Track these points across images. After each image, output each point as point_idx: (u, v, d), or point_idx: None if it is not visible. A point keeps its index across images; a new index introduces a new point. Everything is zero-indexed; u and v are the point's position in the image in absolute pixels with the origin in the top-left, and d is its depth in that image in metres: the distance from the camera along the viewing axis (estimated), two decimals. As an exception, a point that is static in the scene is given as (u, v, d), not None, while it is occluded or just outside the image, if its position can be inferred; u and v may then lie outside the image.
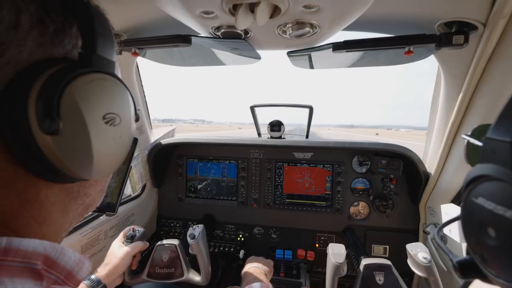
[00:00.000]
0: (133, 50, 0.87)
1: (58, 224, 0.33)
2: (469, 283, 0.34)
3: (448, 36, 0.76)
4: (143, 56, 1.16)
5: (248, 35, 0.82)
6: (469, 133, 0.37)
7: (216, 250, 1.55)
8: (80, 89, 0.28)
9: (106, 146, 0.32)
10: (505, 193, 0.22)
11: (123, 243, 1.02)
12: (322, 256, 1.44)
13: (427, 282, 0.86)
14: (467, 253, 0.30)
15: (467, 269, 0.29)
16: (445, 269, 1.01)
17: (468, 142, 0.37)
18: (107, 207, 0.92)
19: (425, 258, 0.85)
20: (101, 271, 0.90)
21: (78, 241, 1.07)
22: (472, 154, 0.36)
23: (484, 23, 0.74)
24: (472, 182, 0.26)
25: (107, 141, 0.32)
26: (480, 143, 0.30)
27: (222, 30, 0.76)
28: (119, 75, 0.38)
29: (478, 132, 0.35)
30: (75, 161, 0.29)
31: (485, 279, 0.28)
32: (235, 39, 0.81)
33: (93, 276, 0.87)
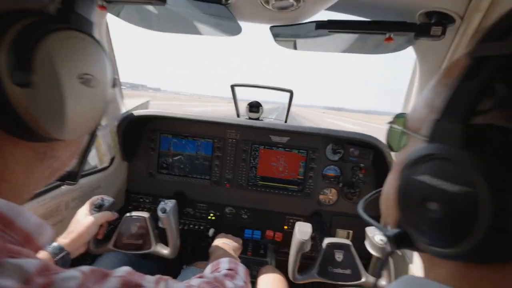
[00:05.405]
0: (100, 3, 0.79)
1: (19, 184, 0.31)
2: (390, 254, 0.38)
3: (427, 26, 0.77)
4: (117, 15, 1.06)
5: (229, 0, 0.76)
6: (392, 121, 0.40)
7: (186, 228, 1.54)
8: (56, 44, 0.28)
9: (79, 106, 0.32)
10: (450, 170, 0.25)
11: (90, 211, 0.98)
12: (289, 238, 1.48)
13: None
14: (398, 226, 0.33)
15: (399, 241, 0.32)
16: (399, 252, 1.09)
17: (389, 129, 0.40)
18: (67, 176, 0.86)
19: (382, 240, 0.90)
20: (64, 239, 0.86)
21: (33, 210, 0.99)
22: (393, 141, 0.39)
23: (462, 16, 0.75)
24: (416, 161, 0.28)
25: (81, 101, 0.31)
26: (401, 128, 0.35)
27: (200, -10, 0.71)
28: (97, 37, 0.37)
29: (399, 120, 0.38)
30: (46, 117, 0.28)
31: (413, 248, 0.31)
32: (214, 2, 0.76)
33: (54, 244, 0.83)
